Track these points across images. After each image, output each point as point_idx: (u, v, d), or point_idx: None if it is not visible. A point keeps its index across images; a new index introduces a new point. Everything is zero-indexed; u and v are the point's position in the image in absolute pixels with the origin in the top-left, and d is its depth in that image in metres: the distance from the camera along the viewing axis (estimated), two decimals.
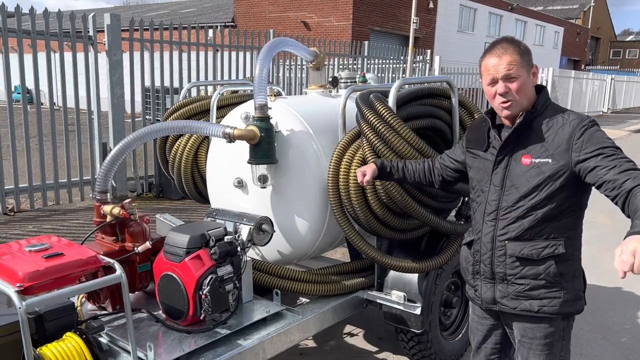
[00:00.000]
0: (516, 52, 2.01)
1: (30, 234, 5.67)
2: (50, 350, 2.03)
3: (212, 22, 22.62)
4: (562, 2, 49.86)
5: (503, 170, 2.10)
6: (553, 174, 1.98)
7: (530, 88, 2.06)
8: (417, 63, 14.19)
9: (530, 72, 2.05)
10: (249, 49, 9.03)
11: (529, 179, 2.02)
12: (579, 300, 2.12)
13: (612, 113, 27.43)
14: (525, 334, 2.16)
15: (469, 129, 2.41)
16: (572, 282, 2.08)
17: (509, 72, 2.00)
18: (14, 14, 6.23)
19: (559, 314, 2.09)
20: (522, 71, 2.01)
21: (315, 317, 2.88)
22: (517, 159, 2.07)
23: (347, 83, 3.68)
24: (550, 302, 2.07)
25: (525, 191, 2.03)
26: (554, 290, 2.06)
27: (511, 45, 2.02)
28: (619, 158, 1.88)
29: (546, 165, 1.99)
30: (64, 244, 2.27)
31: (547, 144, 2.00)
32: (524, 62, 2.01)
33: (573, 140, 1.95)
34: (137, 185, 7.70)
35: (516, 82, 2.01)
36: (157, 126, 2.88)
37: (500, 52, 2.02)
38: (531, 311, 2.10)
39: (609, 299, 4.61)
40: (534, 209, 2.02)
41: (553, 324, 2.11)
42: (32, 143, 6.87)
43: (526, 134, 2.06)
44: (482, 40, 29.45)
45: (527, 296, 2.09)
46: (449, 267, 3.21)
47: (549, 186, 1.99)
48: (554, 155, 1.98)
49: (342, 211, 2.89)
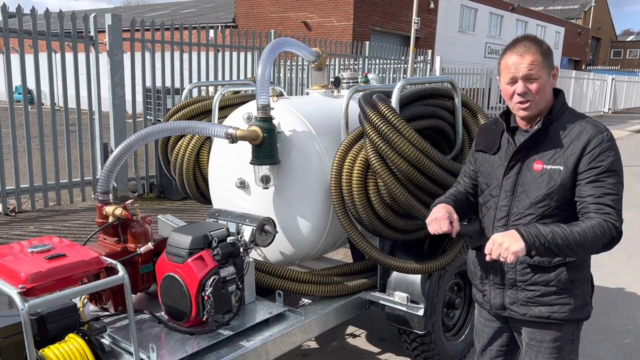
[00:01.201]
0: (539, 52, 1.94)
1: (31, 234, 5.66)
2: (52, 352, 2.02)
3: (212, 22, 22.62)
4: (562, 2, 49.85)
5: (515, 175, 2.05)
6: (564, 182, 1.94)
7: (549, 90, 2.01)
8: (418, 63, 14.18)
9: (551, 74, 1.99)
10: (249, 49, 9.03)
11: (540, 185, 1.98)
12: (587, 306, 2.10)
13: (613, 113, 27.43)
14: (534, 337, 2.14)
15: (478, 133, 2.35)
16: (581, 288, 2.06)
17: (529, 72, 1.94)
18: (15, 14, 6.23)
19: (568, 320, 2.07)
20: (543, 72, 1.95)
21: (318, 318, 2.87)
22: (529, 164, 2.02)
23: (349, 83, 3.67)
24: (561, 308, 2.04)
25: (535, 198, 1.99)
26: (564, 296, 2.03)
27: (534, 45, 1.96)
28: (605, 187, 1.89)
29: (558, 172, 1.95)
30: (66, 245, 2.26)
31: (560, 151, 1.96)
32: (545, 62, 1.95)
33: (586, 151, 1.92)
34: (138, 186, 7.70)
35: (536, 83, 1.95)
36: (159, 127, 2.87)
37: (522, 50, 1.95)
38: (541, 317, 2.07)
39: (612, 300, 4.60)
40: (544, 216, 1.99)
41: (562, 329, 2.09)
42: (33, 143, 6.86)
43: (541, 140, 2.01)
44: (483, 41, 29.47)
45: (537, 302, 2.06)
46: (452, 268, 3.20)
47: (559, 193, 1.95)
48: (566, 163, 1.94)
49: (344, 212, 2.88)
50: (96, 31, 6.92)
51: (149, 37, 7.49)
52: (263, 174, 2.91)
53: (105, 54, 7.06)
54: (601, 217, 1.86)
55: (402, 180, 2.74)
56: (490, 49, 30.00)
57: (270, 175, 2.91)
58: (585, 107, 23.70)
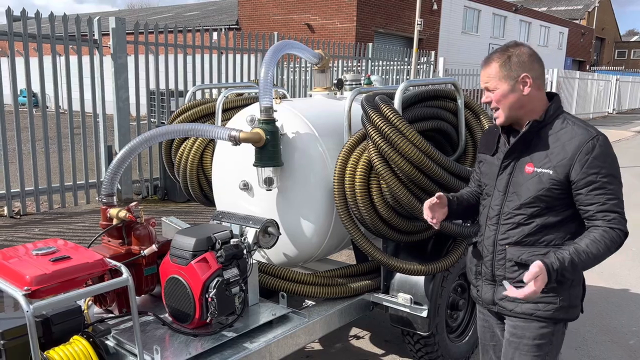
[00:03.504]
0: (498, 64, 2.03)
1: (36, 237, 5.69)
2: (57, 354, 2.03)
3: (216, 24, 22.69)
4: (566, 2, 49.74)
5: (508, 176, 2.12)
6: (552, 186, 1.99)
7: (518, 98, 2.03)
8: (422, 65, 14.17)
9: (516, 82, 2.02)
10: (253, 51, 9.05)
11: (530, 187, 2.04)
12: (574, 307, 2.13)
13: (617, 114, 27.33)
14: (514, 333, 2.17)
15: (482, 135, 2.41)
16: (569, 290, 2.09)
17: (486, 85, 2.07)
18: (19, 18, 6.26)
19: (551, 319, 2.11)
20: (500, 83, 2.03)
21: (322, 320, 2.87)
22: (521, 166, 2.08)
23: (352, 85, 3.68)
24: (545, 306, 2.08)
25: (525, 199, 2.05)
26: (550, 295, 2.06)
27: (496, 56, 2.05)
28: (607, 193, 1.93)
29: (546, 175, 2.00)
30: (71, 247, 2.27)
31: (551, 155, 2.00)
32: (502, 73, 2.02)
33: (577, 157, 1.95)
34: (143, 188, 7.72)
35: (496, 94, 2.05)
36: (162, 129, 2.88)
37: (485, 62, 2.08)
38: (525, 314, 2.12)
39: (617, 301, 4.59)
40: (533, 216, 2.05)
41: (544, 327, 2.12)
42: (38, 146, 6.89)
43: (534, 142, 2.06)
44: (487, 42, 29.43)
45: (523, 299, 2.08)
46: (456, 270, 3.20)
47: (548, 196, 2.01)
48: (555, 168, 1.98)
49: (348, 213, 2.89)
50: (100, 34, 6.95)
51: (152, 40, 7.52)
52: (266, 176, 2.92)
53: (109, 56, 7.09)
54: (607, 224, 1.93)
55: (404, 181, 2.74)
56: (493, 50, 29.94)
57: (273, 177, 2.92)
58: (589, 108, 23.63)
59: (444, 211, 2.25)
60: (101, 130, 7.16)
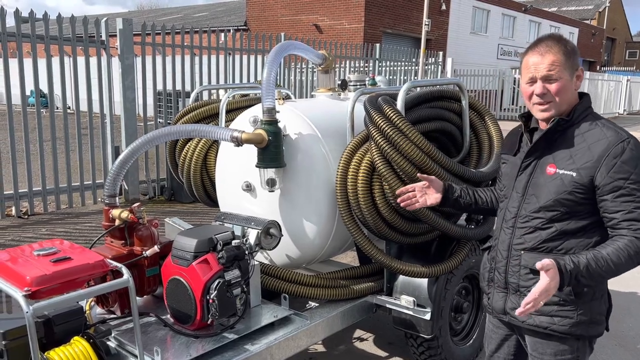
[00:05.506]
0: (561, 52, 1.87)
1: (43, 237, 5.72)
2: (57, 354, 2.04)
3: (224, 25, 22.76)
4: (576, 2, 49.36)
5: (527, 176, 2.00)
6: (575, 189, 1.87)
7: (571, 92, 1.93)
8: (429, 65, 14.12)
9: (574, 75, 1.92)
10: (261, 52, 9.06)
11: (551, 189, 1.91)
12: (595, 324, 1.97)
13: (628, 115, 27.09)
14: (535, 349, 2.06)
15: (506, 135, 2.27)
16: (590, 303, 1.95)
17: (549, 73, 1.88)
18: (28, 19, 6.31)
19: (569, 335, 1.96)
20: (564, 73, 1.88)
21: (324, 322, 2.86)
22: (543, 166, 1.96)
23: (356, 86, 3.66)
24: (561, 320, 1.95)
25: (545, 202, 1.93)
26: (566, 309, 1.94)
27: (556, 44, 1.89)
28: (635, 201, 1.81)
29: (569, 178, 1.88)
30: (72, 247, 2.28)
31: (575, 157, 1.88)
32: (568, 63, 1.88)
33: (604, 160, 1.83)
34: (149, 189, 7.75)
35: (556, 84, 1.89)
36: (165, 130, 2.88)
37: (543, 50, 1.89)
38: (540, 327, 1.99)
39: (625, 305, 4.53)
40: (552, 221, 1.93)
41: (565, 343, 1.99)
42: (46, 147, 6.94)
43: (558, 142, 1.94)
44: (496, 42, 29.30)
45: (537, 311, 1.89)
46: (460, 272, 3.17)
47: (569, 200, 1.89)
48: (579, 170, 1.86)
49: (350, 215, 2.87)
50: (107, 35, 6.99)
51: (159, 41, 7.55)
52: (269, 177, 2.91)
53: (116, 57, 7.13)
54: (634, 233, 1.81)
55: (407, 183, 2.72)
56: (502, 51, 29.81)
57: (275, 178, 2.91)
58: (599, 109, 23.42)
59: (436, 196, 2.18)
60: (108, 130, 7.20)
